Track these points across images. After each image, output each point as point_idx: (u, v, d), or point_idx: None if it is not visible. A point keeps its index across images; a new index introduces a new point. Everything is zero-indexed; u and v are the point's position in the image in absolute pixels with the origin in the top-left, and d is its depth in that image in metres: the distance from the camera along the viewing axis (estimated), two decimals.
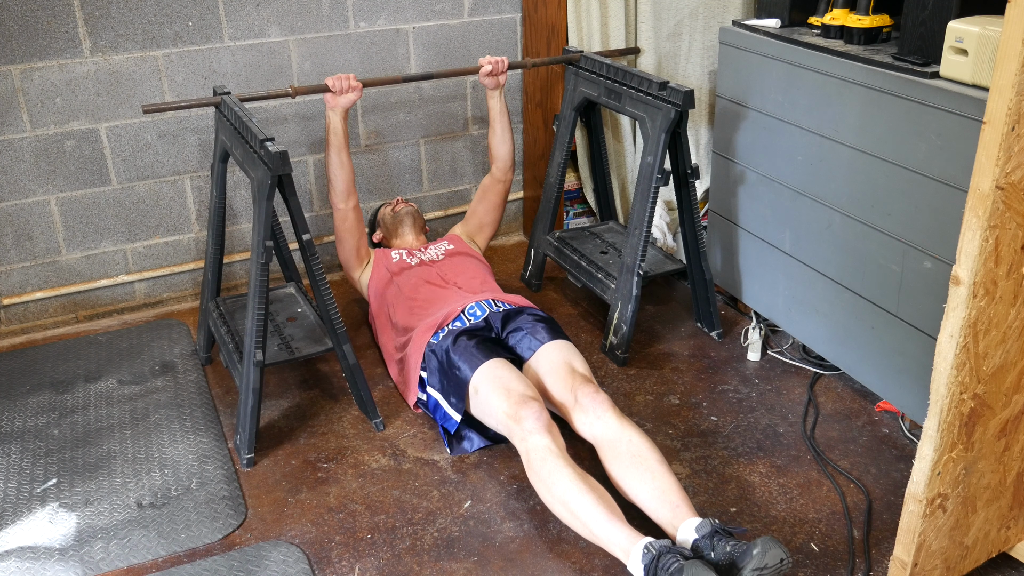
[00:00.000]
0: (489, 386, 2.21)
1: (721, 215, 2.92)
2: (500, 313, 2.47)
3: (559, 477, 1.97)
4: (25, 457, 2.36)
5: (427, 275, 2.70)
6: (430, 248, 2.87)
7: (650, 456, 2.03)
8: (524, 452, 2.08)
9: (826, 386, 2.60)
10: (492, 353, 2.30)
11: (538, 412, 2.10)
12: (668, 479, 1.99)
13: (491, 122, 2.95)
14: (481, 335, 2.39)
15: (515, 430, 2.11)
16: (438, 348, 2.38)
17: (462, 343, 2.33)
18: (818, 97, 2.40)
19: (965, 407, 1.59)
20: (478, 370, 2.25)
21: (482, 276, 2.75)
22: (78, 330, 3.00)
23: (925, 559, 1.73)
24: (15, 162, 2.80)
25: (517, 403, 2.13)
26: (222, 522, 2.12)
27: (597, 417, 2.15)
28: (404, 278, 2.71)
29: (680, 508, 1.92)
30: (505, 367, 2.27)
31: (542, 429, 2.07)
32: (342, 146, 2.67)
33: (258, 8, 2.92)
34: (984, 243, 1.43)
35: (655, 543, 1.79)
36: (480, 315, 2.46)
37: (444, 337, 2.39)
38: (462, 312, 2.48)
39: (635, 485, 2.01)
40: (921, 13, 2.14)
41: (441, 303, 2.55)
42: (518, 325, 2.44)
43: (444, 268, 2.75)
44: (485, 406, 2.23)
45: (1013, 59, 1.31)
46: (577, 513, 1.93)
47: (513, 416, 2.11)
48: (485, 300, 2.52)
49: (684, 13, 3.15)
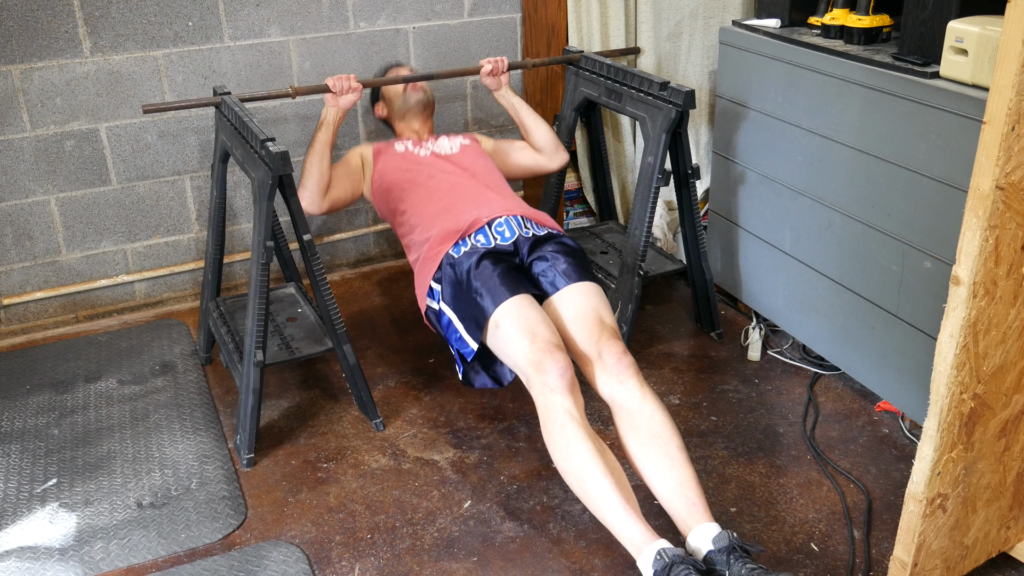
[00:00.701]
0: (513, 324, 2.07)
1: (721, 215, 2.92)
2: (530, 239, 2.30)
3: (578, 450, 1.89)
4: (25, 457, 2.36)
5: (442, 168, 2.50)
6: (442, 139, 2.67)
7: (671, 440, 1.96)
8: (541, 407, 1.98)
9: (826, 386, 2.60)
10: (518, 287, 2.14)
11: (564, 367, 1.98)
12: (687, 470, 1.92)
13: (516, 119, 2.87)
14: (507, 261, 2.23)
15: (535, 380, 1.99)
16: (458, 264, 2.22)
17: (485, 268, 2.17)
18: (818, 97, 2.40)
19: (965, 407, 1.59)
20: (503, 305, 2.10)
21: (506, 186, 2.53)
22: (78, 330, 3.00)
23: (925, 559, 1.74)
24: (15, 162, 2.80)
25: (543, 350, 2.00)
26: (222, 522, 2.12)
27: (620, 381, 2.03)
28: (414, 171, 2.50)
29: (696, 507, 1.87)
30: (531, 306, 2.12)
31: (565, 388, 1.96)
32: (329, 145, 2.59)
33: (258, 8, 2.92)
34: (984, 243, 1.43)
35: (668, 551, 1.73)
36: (509, 236, 2.29)
37: (467, 253, 2.23)
38: (488, 225, 2.30)
39: (652, 468, 1.94)
40: (921, 13, 2.14)
41: (462, 201, 2.36)
42: (543, 254, 2.27)
43: (462, 161, 2.55)
44: (505, 344, 2.09)
45: (1013, 59, 1.31)
46: (592, 493, 1.86)
47: (536, 364, 1.99)
48: (515, 217, 2.33)
49: (684, 13, 3.15)
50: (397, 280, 3.28)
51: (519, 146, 2.91)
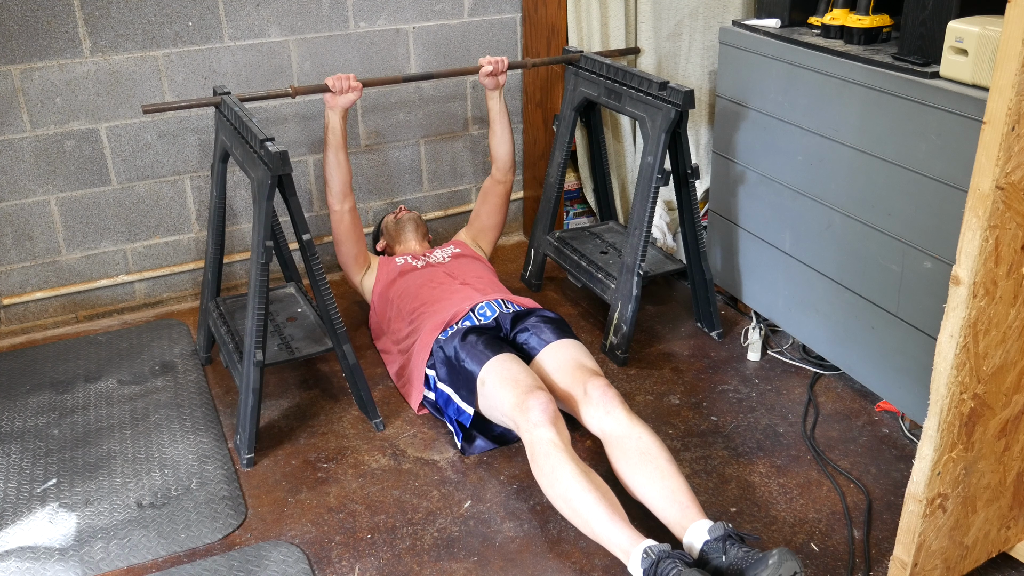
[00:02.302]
0: (496, 378, 2.20)
1: (721, 215, 2.92)
2: (510, 314, 2.46)
3: (562, 473, 1.96)
4: (25, 457, 2.36)
5: (434, 275, 2.69)
6: (435, 252, 2.87)
7: (660, 455, 2.02)
8: (528, 444, 2.06)
9: (826, 386, 2.60)
10: (500, 349, 2.29)
11: (545, 403, 2.08)
12: (677, 479, 1.97)
13: (491, 123, 2.95)
14: (490, 333, 2.38)
15: (521, 421, 2.09)
16: (447, 345, 2.37)
17: (471, 340, 2.32)
18: (818, 97, 2.40)
19: (965, 407, 1.59)
20: (486, 364, 2.24)
21: (489, 278, 2.74)
22: (78, 330, 3.00)
23: (925, 559, 1.73)
24: (15, 162, 2.80)
25: (524, 392, 2.11)
26: (222, 522, 2.12)
27: (607, 412, 2.13)
28: (410, 279, 2.70)
29: (689, 509, 1.91)
30: (513, 361, 2.26)
31: (547, 422, 2.05)
32: (340, 146, 2.67)
33: (258, 8, 2.92)
34: (984, 243, 1.43)
35: (654, 547, 1.77)
36: (490, 315, 2.47)
37: (453, 334, 2.38)
38: (471, 311, 2.48)
39: (643, 483, 2.00)
40: (921, 13, 2.14)
41: (449, 301, 2.54)
42: (526, 325, 2.44)
43: (451, 268, 2.74)
44: (492, 399, 2.21)
45: (1013, 59, 1.31)
46: (579, 510, 1.92)
47: (520, 406, 2.09)
48: (495, 300, 2.52)
49: (684, 13, 3.15)
50: None
51: (479, 201, 3.06)
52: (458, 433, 2.34)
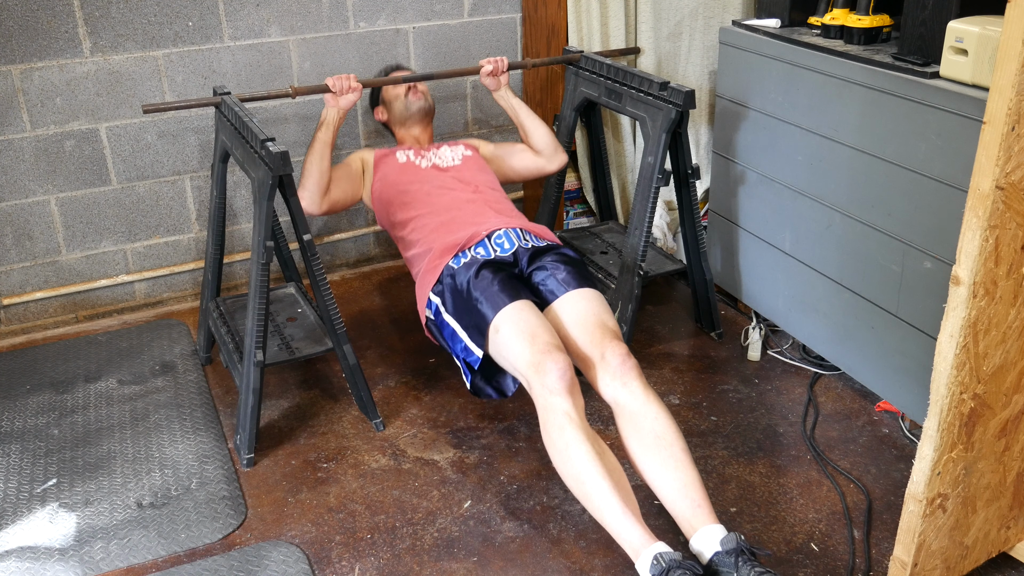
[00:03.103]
0: (512, 328, 2.07)
1: (721, 215, 2.92)
2: (529, 249, 2.31)
3: (577, 451, 1.88)
4: (25, 457, 2.36)
5: (443, 181, 2.51)
6: (443, 148, 2.68)
7: (675, 442, 1.95)
8: (541, 409, 1.98)
9: (826, 386, 2.60)
10: (517, 293, 2.15)
11: (563, 368, 1.97)
12: (691, 472, 1.91)
13: (515, 120, 2.88)
14: (506, 270, 2.24)
15: (535, 382, 1.99)
16: (458, 275, 2.23)
17: (485, 277, 2.18)
18: (818, 97, 2.40)
19: (965, 407, 1.59)
20: (502, 310, 2.10)
21: (504, 197, 2.54)
22: (78, 330, 3.00)
23: (925, 559, 1.74)
24: (15, 162, 2.80)
25: (542, 351, 2.00)
26: (222, 522, 2.12)
27: (623, 383, 2.03)
28: (415, 180, 2.51)
29: (701, 509, 1.86)
30: (531, 311, 2.13)
31: (564, 390, 1.95)
32: (329, 144, 2.60)
33: (258, 8, 2.92)
34: (984, 243, 1.43)
35: (666, 555, 1.72)
36: (508, 248, 2.31)
37: (466, 264, 2.24)
38: (487, 238, 2.32)
39: (655, 470, 1.93)
40: (921, 13, 2.14)
41: (461, 217, 2.37)
42: (543, 264, 2.28)
43: (463, 175, 2.55)
44: (505, 349, 2.08)
45: (1013, 59, 1.31)
46: (591, 495, 1.86)
47: (536, 365, 1.98)
48: (514, 229, 2.35)
49: (684, 13, 3.15)
50: (397, 280, 3.28)
51: (519, 149, 2.92)
52: (466, 372, 2.21)
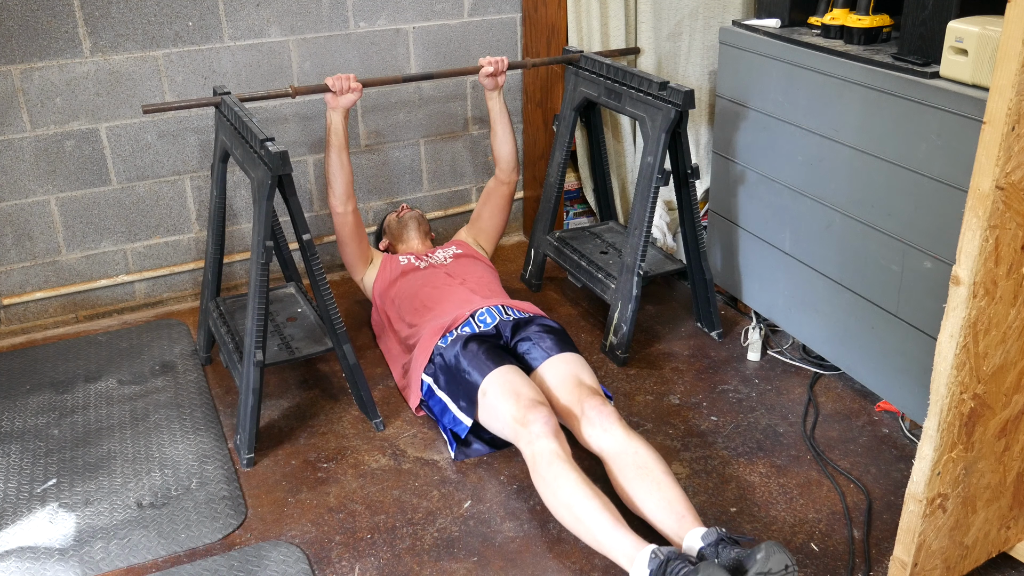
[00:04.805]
0: (498, 390, 2.20)
1: (721, 215, 2.92)
2: (511, 321, 2.46)
3: (564, 481, 1.97)
4: (25, 457, 2.36)
5: (435, 276, 2.69)
6: (437, 252, 2.86)
7: (656, 467, 2.03)
8: (530, 456, 2.07)
9: (826, 386, 2.60)
10: (502, 360, 2.29)
11: (546, 417, 2.10)
12: (674, 490, 1.98)
13: (492, 124, 2.95)
14: (491, 342, 2.38)
15: (522, 434, 2.10)
16: (447, 352, 2.37)
17: (472, 348, 2.32)
18: (818, 97, 2.40)
19: (965, 407, 1.59)
20: (489, 375, 2.24)
21: (490, 280, 2.73)
22: (78, 330, 3.00)
23: (925, 559, 1.74)
24: (15, 162, 2.80)
25: (526, 407, 2.12)
26: (222, 522, 2.12)
27: (604, 430, 2.14)
28: (412, 279, 2.70)
29: (686, 518, 1.91)
30: (515, 373, 2.26)
31: (549, 434, 2.06)
32: (342, 147, 2.67)
33: (258, 8, 2.92)
34: (984, 243, 1.43)
35: (662, 549, 1.78)
36: (491, 322, 2.46)
37: (453, 341, 2.38)
38: (472, 317, 2.47)
39: (641, 496, 2.00)
40: (921, 13, 2.14)
41: (450, 303, 2.54)
42: (527, 335, 2.43)
43: (453, 269, 2.74)
44: (492, 410, 2.22)
45: (1013, 59, 1.31)
46: (581, 518, 1.92)
47: (521, 420, 2.11)
48: (495, 306, 2.51)
49: (684, 13, 3.15)
50: None
51: (481, 201, 3.05)
52: (451, 442, 2.34)
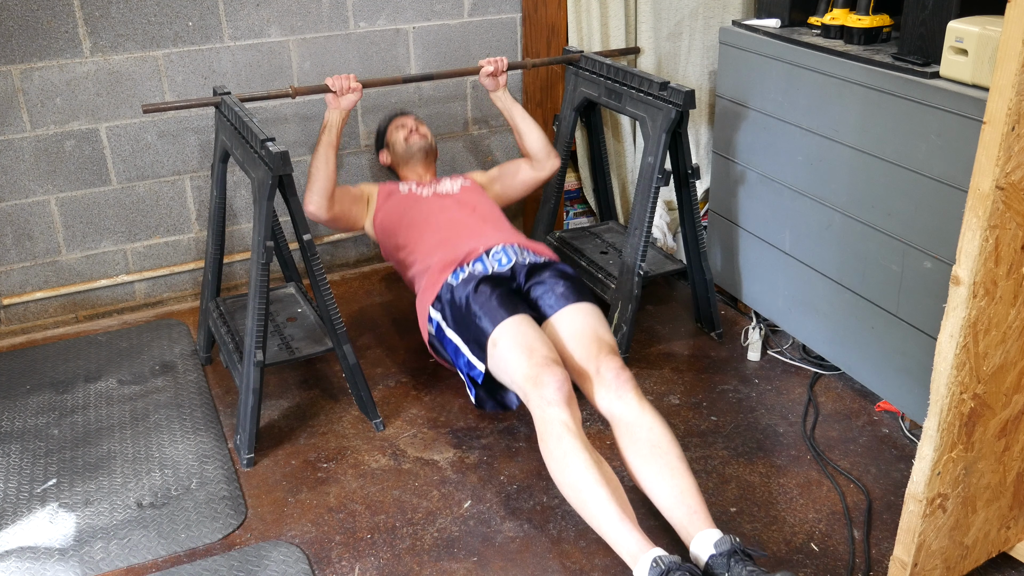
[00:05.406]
0: (510, 342, 2.10)
1: (721, 215, 2.92)
2: (527, 265, 2.34)
3: (574, 460, 1.90)
4: (25, 457, 2.36)
5: (443, 205, 2.55)
6: (444, 181, 2.73)
7: (671, 450, 1.96)
8: (539, 420, 2.00)
9: (826, 386, 2.60)
10: (515, 308, 2.18)
11: (561, 381, 2.00)
12: (687, 479, 1.93)
13: (510, 122, 2.89)
14: (504, 286, 2.26)
15: (533, 395, 2.01)
16: (456, 291, 2.25)
17: (483, 292, 2.20)
18: (818, 97, 2.40)
19: (965, 407, 1.59)
20: (500, 324, 2.13)
21: (502, 216, 2.58)
22: (78, 330, 3.00)
23: (925, 559, 1.74)
24: (15, 162, 2.80)
25: (540, 364, 2.03)
26: (222, 522, 2.12)
27: (619, 396, 2.06)
28: (416, 208, 2.55)
29: (697, 515, 1.87)
30: (529, 325, 2.15)
31: (562, 401, 1.98)
32: (333, 145, 2.61)
33: (258, 8, 2.92)
34: (984, 243, 1.43)
35: (665, 558, 1.73)
36: (506, 263, 2.34)
37: (465, 281, 2.26)
38: (485, 253, 2.35)
39: (652, 478, 1.95)
40: (921, 13, 2.14)
41: (460, 235, 2.41)
42: (542, 279, 2.31)
43: (462, 199, 2.60)
44: (503, 362, 2.11)
45: (1013, 59, 1.31)
46: (588, 503, 1.87)
47: (534, 379, 2.01)
48: (511, 245, 2.38)
49: (684, 13, 3.15)
50: (397, 280, 3.28)
51: (513, 167, 2.95)
52: (471, 387, 2.25)
